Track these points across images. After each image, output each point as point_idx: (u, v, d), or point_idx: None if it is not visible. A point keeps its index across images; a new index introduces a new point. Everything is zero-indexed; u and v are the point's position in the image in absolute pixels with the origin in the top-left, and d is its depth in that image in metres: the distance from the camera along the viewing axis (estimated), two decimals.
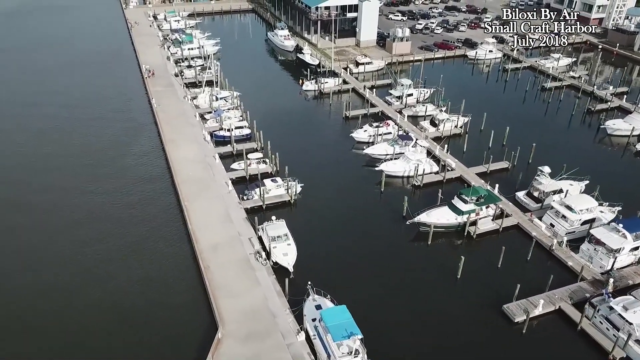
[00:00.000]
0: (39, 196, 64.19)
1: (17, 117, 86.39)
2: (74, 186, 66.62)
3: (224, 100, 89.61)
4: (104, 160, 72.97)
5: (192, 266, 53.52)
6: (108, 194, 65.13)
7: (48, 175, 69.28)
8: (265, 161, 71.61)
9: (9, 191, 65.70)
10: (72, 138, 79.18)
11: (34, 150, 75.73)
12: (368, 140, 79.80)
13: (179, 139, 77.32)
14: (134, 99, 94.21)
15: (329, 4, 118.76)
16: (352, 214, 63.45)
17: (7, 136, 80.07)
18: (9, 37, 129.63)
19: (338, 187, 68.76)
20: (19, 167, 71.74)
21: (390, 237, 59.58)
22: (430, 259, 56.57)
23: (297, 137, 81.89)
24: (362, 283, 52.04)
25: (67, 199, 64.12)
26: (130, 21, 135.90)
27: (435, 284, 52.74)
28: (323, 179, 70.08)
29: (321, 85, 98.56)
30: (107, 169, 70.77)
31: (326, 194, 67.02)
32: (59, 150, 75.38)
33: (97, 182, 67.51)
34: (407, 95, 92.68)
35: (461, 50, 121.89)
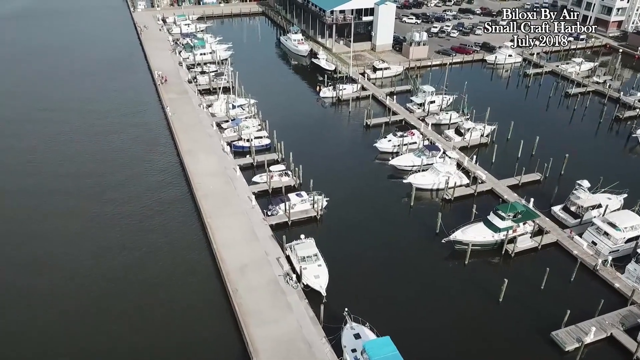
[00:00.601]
0: (47, 222, 60.92)
1: (23, 130, 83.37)
2: (88, 206, 63.51)
3: (240, 109, 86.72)
4: (119, 174, 69.88)
5: (219, 289, 50.63)
6: (125, 211, 62.15)
7: (55, 196, 65.97)
8: (288, 173, 68.66)
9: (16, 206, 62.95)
10: (84, 149, 76.09)
11: (42, 168, 72.57)
12: (392, 151, 76.84)
13: (197, 149, 74.39)
14: (147, 106, 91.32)
15: (344, 8, 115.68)
16: (382, 230, 60.54)
17: (14, 150, 77.16)
18: (16, 42, 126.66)
19: (365, 200, 65.80)
20: (23, 190, 68.72)
21: (424, 255, 56.61)
22: (469, 280, 53.54)
23: (317, 147, 78.95)
24: (401, 308, 49.11)
25: (80, 222, 60.84)
26: (139, 25, 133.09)
27: (477, 309, 49.75)
28: (348, 192, 67.12)
29: (339, 92, 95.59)
30: (124, 184, 67.69)
31: (353, 209, 64.10)
32: (69, 166, 71.95)
33: (114, 198, 64.52)
34: (429, 102, 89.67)
35: (479, 55, 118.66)
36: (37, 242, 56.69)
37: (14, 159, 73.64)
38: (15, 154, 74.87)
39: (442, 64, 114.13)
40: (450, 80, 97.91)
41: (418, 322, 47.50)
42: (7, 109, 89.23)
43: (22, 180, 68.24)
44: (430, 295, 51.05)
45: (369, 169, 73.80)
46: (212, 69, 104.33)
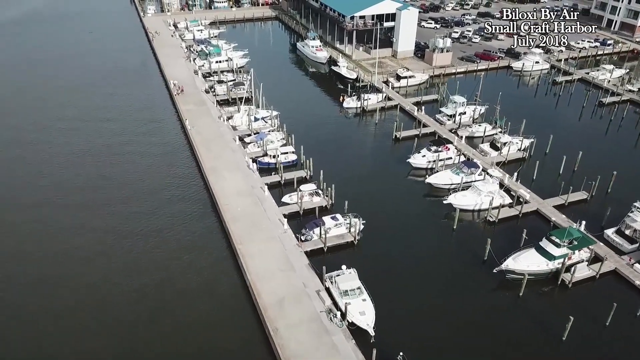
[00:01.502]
0: (67, 242, 56.90)
1: (36, 143, 79.24)
2: (106, 233, 59.29)
3: (262, 121, 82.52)
4: (139, 194, 65.62)
5: (257, 327, 46.41)
6: (148, 236, 57.98)
7: (69, 226, 62.01)
8: (319, 193, 64.39)
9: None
10: (100, 166, 71.81)
11: (52, 188, 68.48)
12: (427, 167, 72.66)
13: (221, 166, 70.15)
14: (164, 119, 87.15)
15: (365, 13, 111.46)
16: (426, 256, 56.32)
17: (25, 168, 73.08)
18: (25, 48, 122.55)
19: (403, 223, 61.56)
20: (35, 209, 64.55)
21: (475, 286, 52.31)
22: (526, 314, 49.20)
23: (346, 162, 74.69)
24: (458, 350, 44.75)
25: (100, 256, 56.65)
26: (150, 31, 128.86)
27: (541, 348, 45.46)
28: (384, 214, 62.87)
29: (364, 102, 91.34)
30: (144, 206, 63.32)
31: (391, 232, 59.84)
32: (85, 186, 67.76)
33: (134, 224, 60.29)
34: (460, 113, 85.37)
35: (504, 61, 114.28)
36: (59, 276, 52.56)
37: (25, 176, 69.55)
38: (26, 173, 70.78)
39: (467, 71, 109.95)
40: (475, 89, 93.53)
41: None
42: (17, 119, 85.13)
43: (41, 209, 64.08)
44: (487, 333, 46.79)
45: (404, 187, 69.55)
46: (229, 77, 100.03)
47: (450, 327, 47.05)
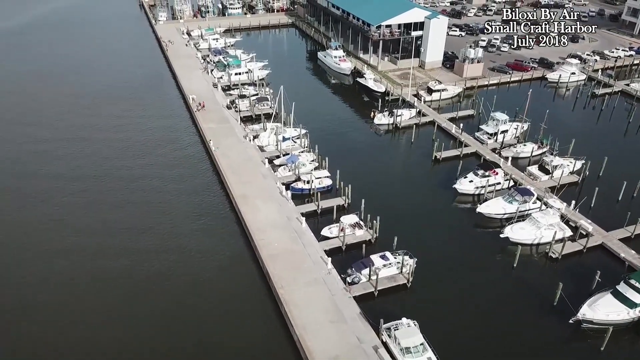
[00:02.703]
0: (84, 291, 51.45)
1: (50, 167, 73.68)
2: (128, 282, 53.67)
3: (291, 141, 76.85)
4: (163, 229, 59.85)
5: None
6: (176, 282, 52.26)
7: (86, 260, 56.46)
8: (361, 225, 58.63)
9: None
10: (123, 197, 65.85)
11: (69, 223, 62.90)
12: (474, 193, 66.94)
13: (252, 194, 64.43)
14: (185, 138, 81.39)
15: (392, 22, 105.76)
16: (489, 301, 50.64)
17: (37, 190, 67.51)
18: (34, 58, 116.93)
19: (457, 260, 55.79)
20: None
21: (550, 339, 46.51)
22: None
23: (384, 187, 69.01)
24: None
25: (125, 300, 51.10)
26: (163, 40, 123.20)
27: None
28: (435, 249, 57.15)
29: (396, 118, 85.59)
30: (170, 242, 57.67)
31: (445, 271, 54.19)
32: (101, 223, 61.97)
33: (158, 266, 54.64)
34: (502, 131, 79.59)
35: (538, 72, 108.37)
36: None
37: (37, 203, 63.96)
38: (39, 194, 65.21)
39: (500, 83, 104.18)
40: (509, 103, 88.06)
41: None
42: (29, 137, 79.66)
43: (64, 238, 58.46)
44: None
45: (452, 217, 63.83)
46: (251, 91, 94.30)
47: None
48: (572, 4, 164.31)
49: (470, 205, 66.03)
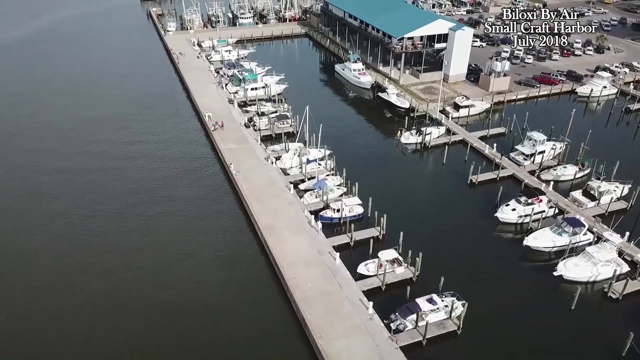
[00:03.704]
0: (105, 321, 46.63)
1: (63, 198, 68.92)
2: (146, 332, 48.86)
3: (316, 163, 72.09)
4: (186, 268, 55.03)
5: None
6: (202, 330, 47.36)
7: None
8: (400, 261, 53.73)
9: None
10: (138, 237, 60.64)
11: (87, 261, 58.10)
12: (517, 221, 62.09)
13: (279, 224, 59.59)
14: (203, 162, 76.34)
15: (415, 34, 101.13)
16: (548, 349, 46.07)
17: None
18: (41, 72, 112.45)
19: (509, 301, 51.02)
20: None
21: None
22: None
23: (420, 215, 64.22)
24: None
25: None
26: (174, 52, 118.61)
27: None
28: (483, 288, 52.34)
29: (425, 137, 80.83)
30: (193, 283, 52.94)
31: (497, 315, 49.46)
32: (124, 266, 57.41)
33: (179, 310, 49.77)
34: (539, 152, 74.79)
35: (567, 85, 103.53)
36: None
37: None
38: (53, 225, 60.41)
39: (528, 98, 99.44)
40: (546, 120, 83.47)
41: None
42: (31, 166, 74.97)
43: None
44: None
45: (497, 250, 58.99)
46: (269, 108, 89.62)
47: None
48: (592, 13, 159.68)
49: (513, 235, 61.35)
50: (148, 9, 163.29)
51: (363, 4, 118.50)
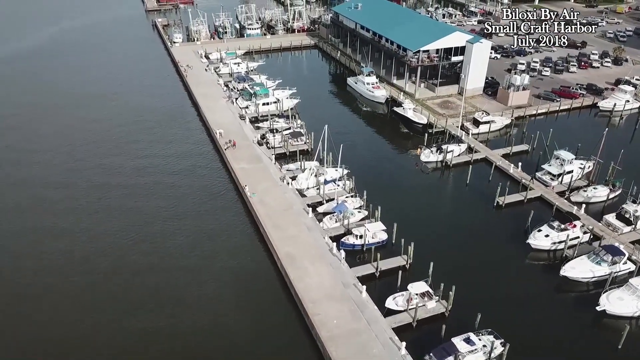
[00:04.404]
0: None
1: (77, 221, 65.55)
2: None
3: (333, 184, 68.73)
4: (199, 299, 51.67)
5: None
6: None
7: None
8: (431, 294, 50.21)
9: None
10: (148, 262, 57.69)
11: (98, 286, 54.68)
12: (550, 248, 58.64)
13: (298, 253, 56.17)
14: (215, 182, 72.96)
15: (431, 47, 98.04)
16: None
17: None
18: (46, 85, 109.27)
19: (551, 339, 47.55)
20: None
21: None
22: None
23: (448, 241, 60.65)
24: None
25: None
26: (181, 64, 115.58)
27: None
28: (521, 324, 48.97)
29: (446, 155, 77.50)
30: (206, 317, 49.48)
31: (538, 355, 45.85)
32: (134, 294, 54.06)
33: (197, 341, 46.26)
34: (567, 172, 71.39)
35: (588, 99, 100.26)
36: None
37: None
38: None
39: (549, 112, 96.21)
40: (570, 136, 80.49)
41: None
42: (34, 185, 71.73)
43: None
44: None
45: (532, 280, 55.59)
46: (281, 123, 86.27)
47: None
48: (605, 23, 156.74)
49: (547, 263, 58.08)
50: (153, 19, 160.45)
51: (375, 15, 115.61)
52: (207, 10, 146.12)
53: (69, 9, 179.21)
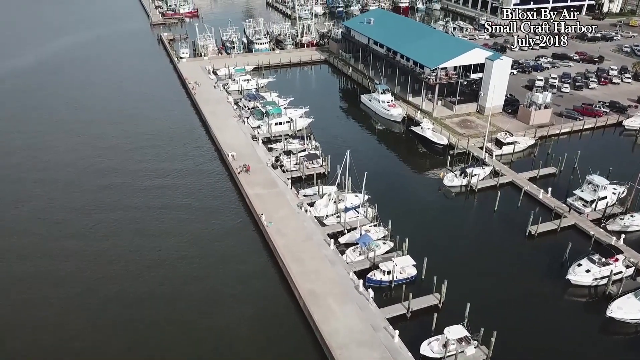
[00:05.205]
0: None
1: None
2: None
3: (354, 211, 64.83)
4: (212, 343, 47.76)
5: None
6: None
7: None
8: (469, 339, 46.06)
9: None
10: (161, 292, 53.92)
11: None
12: (591, 284, 54.59)
13: (321, 290, 52.20)
14: (229, 209, 69.13)
15: (449, 65, 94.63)
16: None
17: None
18: (38, 104, 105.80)
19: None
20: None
21: None
22: None
23: (481, 276, 56.52)
24: None
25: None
26: (189, 81, 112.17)
27: None
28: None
29: (471, 179, 73.65)
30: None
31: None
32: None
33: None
34: (600, 198, 67.46)
35: (612, 117, 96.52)
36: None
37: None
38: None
39: (572, 131, 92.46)
40: (599, 158, 77.05)
41: None
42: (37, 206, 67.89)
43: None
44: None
45: (575, 320, 51.60)
46: (295, 145, 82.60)
47: None
48: (620, 37, 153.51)
49: (588, 300, 54.30)
50: (159, 33, 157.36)
51: (389, 30, 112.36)
52: (214, 24, 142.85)
53: (73, 23, 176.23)
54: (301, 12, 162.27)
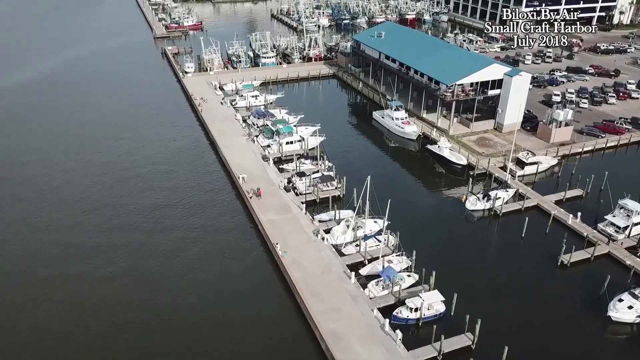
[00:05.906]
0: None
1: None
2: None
3: (374, 239, 61.06)
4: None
5: None
6: None
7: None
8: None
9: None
10: (158, 336, 49.99)
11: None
12: (634, 322, 50.67)
13: (345, 331, 48.33)
14: (239, 234, 65.46)
15: (466, 81, 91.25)
16: None
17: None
18: (41, 122, 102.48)
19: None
20: None
21: None
22: None
23: (515, 314, 52.67)
24: None
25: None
26: (195, 97, 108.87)
27: None
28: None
29: (494, 203, 69.92)
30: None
31: None
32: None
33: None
34: (634, 224, 63.64)
35: (635, 134, 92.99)
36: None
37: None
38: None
39: (595, 150, 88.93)
40: (622, 178, 74.32)
41: None
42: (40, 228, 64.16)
43: None
44: None
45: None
46: (308, 165, 79.06)
47: None
48: (634, 49, 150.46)
49: (632, 338, 50.03)
50: (163, 47, 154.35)
51: (401, 45, 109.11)
52: (218, 37, 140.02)
53: (75, 37, 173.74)
54: (307, 25, 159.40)
